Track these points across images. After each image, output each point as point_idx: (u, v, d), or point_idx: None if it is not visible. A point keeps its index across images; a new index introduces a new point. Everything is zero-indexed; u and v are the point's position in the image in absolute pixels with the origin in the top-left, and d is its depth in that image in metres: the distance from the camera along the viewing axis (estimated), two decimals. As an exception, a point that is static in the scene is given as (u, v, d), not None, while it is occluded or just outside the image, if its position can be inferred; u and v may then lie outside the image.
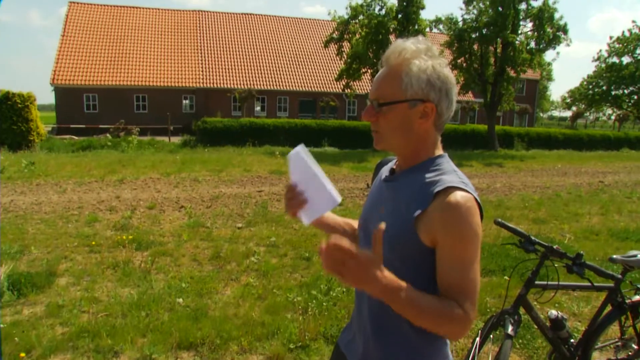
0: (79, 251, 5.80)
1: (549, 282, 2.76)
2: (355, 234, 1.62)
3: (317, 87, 36.29)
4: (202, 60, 34.95)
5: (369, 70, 23.02)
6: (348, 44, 23.00)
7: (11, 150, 16.95)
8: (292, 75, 36.62)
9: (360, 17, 22.10)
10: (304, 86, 36.11)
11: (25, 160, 13.53)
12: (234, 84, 33.56)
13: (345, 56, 22.90)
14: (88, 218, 7.43)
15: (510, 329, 2.58)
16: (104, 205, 8.55)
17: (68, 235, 6.49)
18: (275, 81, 35.56)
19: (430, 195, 1.25)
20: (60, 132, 27.87)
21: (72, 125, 28.52)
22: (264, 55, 37.05)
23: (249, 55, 36.65)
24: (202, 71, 34.17)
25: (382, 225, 1.10)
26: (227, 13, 40.29)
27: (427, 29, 23.09)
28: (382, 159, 2.30)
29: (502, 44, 23.06)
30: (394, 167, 1.46)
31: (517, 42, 22.67)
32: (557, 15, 23.14)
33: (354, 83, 23.61)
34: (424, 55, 1.28)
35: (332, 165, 14.62)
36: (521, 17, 23.54)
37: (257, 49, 37.38)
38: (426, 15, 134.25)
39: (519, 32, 23.73)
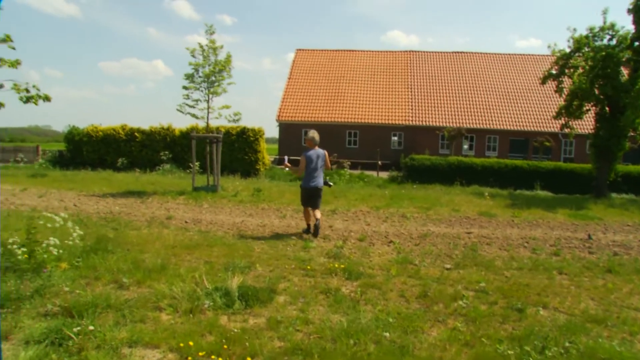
0: (296, 273, 6.27)
1: None
2: None
3: (529, 125, 34.02)
4: (411, 98, 35.75)
5: (592, 108, 20.55)
6: (568, 79, 20.93)
7: (242, 177, 19.51)
8: (503, 113, 35.02)
9: (585, 49, 19.97)
10: (516, 125, 34.19)
11: (253, 186, 15.38)
12: (442, 122, 33.47)
13: (565, 93, 20.86)
14: (304, 244, 8.03)
15: None
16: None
17: (286, 257, 7.09)
18: (485, 119, 34.42)
19: None
20: (280, 163, 31.28)
21: (291, 157, 31.71)
22: (474, 93, 36.27)
23: (458, 93, 36.29)
24: (412, 109, 34.89)
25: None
26: (436, 52, 40.63)
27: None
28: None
29: None
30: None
31: None
32: None
33: (574, 122, 21.26)
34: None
35: (545, 211, 13.25)
36: None
37: (466, 86, 36.82)
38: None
39: None
